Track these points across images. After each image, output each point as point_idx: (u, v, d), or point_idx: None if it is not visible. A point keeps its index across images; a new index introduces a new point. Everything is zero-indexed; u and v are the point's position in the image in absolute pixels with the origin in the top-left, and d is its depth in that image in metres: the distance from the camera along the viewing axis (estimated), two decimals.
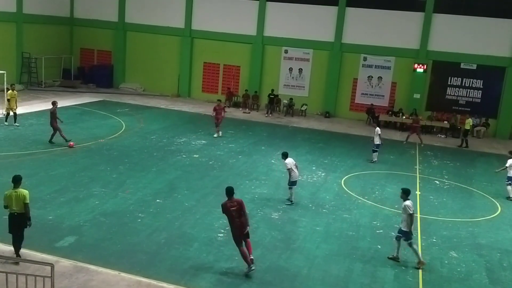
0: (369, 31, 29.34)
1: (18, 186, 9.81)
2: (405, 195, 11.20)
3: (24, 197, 9.70)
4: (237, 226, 10.00)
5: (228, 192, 10.26)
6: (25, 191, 9.77)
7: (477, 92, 28.60)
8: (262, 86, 31.58)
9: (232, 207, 10.03)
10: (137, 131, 22.14)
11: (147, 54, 33.79)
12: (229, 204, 10.09)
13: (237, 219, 9.99)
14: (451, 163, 21.23)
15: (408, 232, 11.02)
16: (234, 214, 9.99)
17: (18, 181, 9.87)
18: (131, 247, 10.87)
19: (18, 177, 9.92)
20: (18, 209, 9.71)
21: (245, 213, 10.14)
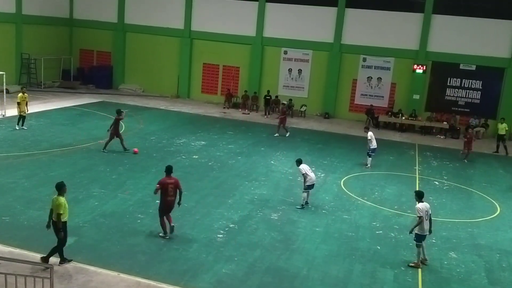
0: (368, 32, 29.36)
1: (58, 194, 9.85)
2: (418, 197, 11.24)
3: (58, 207, 9.70)
4: (168, 202, 11.30)
5: (168, 169, 11.56)
6: (60, 200, 9.71)
7: (476, 93, 28.62)
8: (262, 87, 31.58)
9: (170, 184, 11.22)
10: (137, 132, 22.14)
11: (147, 55, 33.79)
12: (167, 180, 11.32)
13: (169, 196, 11.25)
14: (450, 164, 21.24)
15: (419, 235, 10.96)
16: (169, 190, 11.20)
17: (59, 189, 9.91)
18: (131, 248, 10.86)
19: (57, 185, 9.99)
20: (54, 216, 9.79)
21: (180, 192, 11.43)
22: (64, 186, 9.94)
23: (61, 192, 9.84)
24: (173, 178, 11.43)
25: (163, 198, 11.29)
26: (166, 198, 11.28)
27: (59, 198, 9.76)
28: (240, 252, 11.07)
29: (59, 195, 9.80)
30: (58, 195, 9.81)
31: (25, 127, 20.60)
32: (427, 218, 10.99)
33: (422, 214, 10.89)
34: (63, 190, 9.88)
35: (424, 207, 11.02)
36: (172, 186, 11.26)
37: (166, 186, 11.22)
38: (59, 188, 9.88)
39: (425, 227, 10.96)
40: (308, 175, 14.27)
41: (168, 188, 11.22)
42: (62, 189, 9.88)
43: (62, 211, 9.66)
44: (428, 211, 11.06)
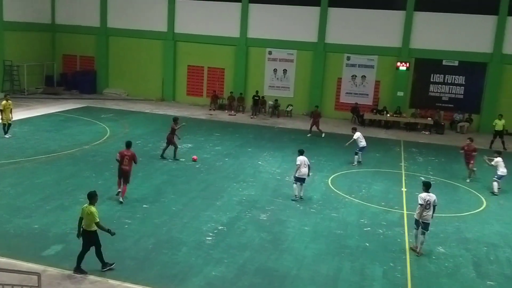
0: (351, 30, 29.55)
1: (90, 203, 9.81)
2: (424, 187, 11.91)
3: (92, 216, 9.66)
4: (122, 170, 13.85)
5: (127, 144, 14.12)
6: (92, 209, 9.72)
7: (459, 88, 28.95)
8: (247, 88, 31.60)
9: (126, 156, 13.80)
10: (122, 136, 21.96)
11: (130, 59, 33.60)
12: (125, 152, 13.88)
13: (124, 165, 13.77)
14: (435, 159, 21.44)
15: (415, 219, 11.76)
16: (124, 160, 13.76)
17: (90, 198, 9.88)
18: (119, 254, 10.78)
19: (89, 194, 9.94)
20: (85, 225, 9.79)
21: (135, 162, 14.04)
22: (96, 196, 9.94)
23: (92, 201, 9.83)
24: (130, 151, 13.94)
25: (119, 166, 13.89)
26: (121, 166, 13.85)
27: (90, 207, 9.75)
28: (230, 254, 11.05)
29: (90, 204, 9.78)
30: (90, 204, 9.79)
31: (7, 136, 20.26)
32: (428, 207, 11.55)
33: (421, 202, 11.55)
34: (94, 199, 9.88)
35: (425, 196, 11.64)
36: (128, 158, 13.81)
37: (122, 157, 13.82)
38: (91, 197, 9.87)
39: (423, 214, 11.54)
40: (300, 169, 14.77)
41: (124, 159, 13.78)
42: (94, 198, 9.88)
43: (97, 218, 9.68)
44: (429, 201, 11.59)
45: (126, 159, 13.75)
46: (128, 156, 13.79)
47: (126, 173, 13.81)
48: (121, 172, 13.85)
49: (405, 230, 13.10)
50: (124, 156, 13.77)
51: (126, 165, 13.77)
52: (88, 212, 9.69)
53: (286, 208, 14.25)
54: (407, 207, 14.89)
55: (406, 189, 16.80)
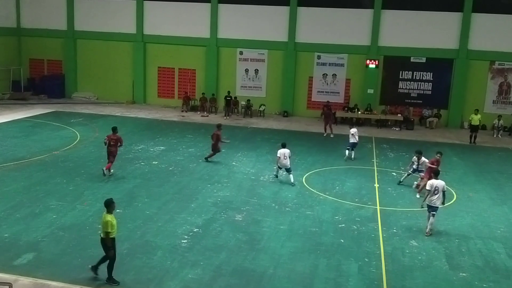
0: (321, 29, 29.79)
1: (107, 211, 9.61)
2: (434, 175, 13.25)
3: (104, 225, 9.49)
4: (109, 150, 16.37)
5: (113, 129, 16.59)
6: (106, 219, 9.51)
7: (427, 84, 29.53)
8: (219, 88, 31.51)
9: (113, 139, 16.34)
10: (93, 140, 21.63)
11: (99, 62, 33.08)
12: (112, 136, 16.37)
13: (111, 147, 16.34)
14: (406, 154, 21.78)
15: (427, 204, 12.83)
16: (111, 143, 16.32)
17: (106, 206, 9.69)
18: (93, 260, 10.56)
19: (105, 202, 9.77)
20: (102, 232, 9.63)
21: (121, 144, 16.74)
22: (113, 203, 9.73)
23: (109, 209, 9.61)
24: (116, 135, 16.42)
25: (107, 147, 16.43)
26: (108, 147, 16.40)
27: (106, 215, 9.54)
28: (206, 256, 10.99)
29: (108, 213, 9.57)
30: (107, 213, 9.58)
31: None
32: (436, 192, 12.68)
33: (428, 188, 12.78)
34: (111, 207, 9.67)
35: (433, 183, 12.77)
36: (114, 140, 16.35)
37: (110, 140, 16.34)
38: (108, 205, 9.66)
39: (432, 199, 12.68)
40: (280, 161, 16.51)
41: (110, 141, 16.34)
42: (111, 206, 9.67)
43: (109, 229, 9.44)
44: (437, 187, 12.69)
45: (112, 141, 16.30)
46: (114, 140, 16.31)
47: (112, 153, 16.41)
48: (108, 153, 16.46)
49: (378, 225, 13.27)
50: (111, 139, 16.29)
51: (113, 146, 16.29)
52: (104, 221, 9.51)
53: (262, 208, 14.27)
54: (380, 202, 15.12)
55: (379, 184, 17.04)
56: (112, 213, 9.65)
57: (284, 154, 16.45)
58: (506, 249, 12.09)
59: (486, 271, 10.99)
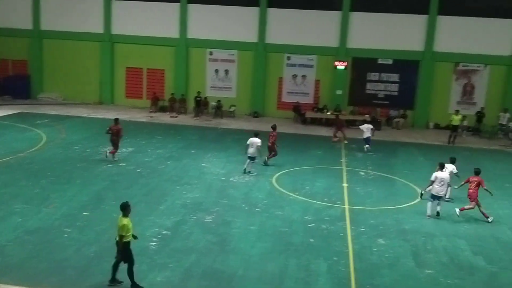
0: (291, 30, 29.99)
1: (123, 214, 9.41)
2: (439, 167, 14.61)
3: (120, 228, 9.28)
4: (111, 138, 18.26)
5: (115, 120, 18.62)
6: (122, 222, 9.30)
7: (394, 85, 30.10)
8: (189, 89, 31.33)
9: (114, 129, 18.22)
10: (59, 142, 21.18)
11: (66, 62, 32.41)
12: (113, 127, 18.28)
13: (113, 136, 18.21)
14: (374, 154, 22.17)
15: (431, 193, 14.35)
16: (113, 132, 18.18)
17: (122, 209, 9.47)
18: (59, 264, 10.38)
19: (121, 205, 9.55)
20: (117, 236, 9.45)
21: (121, 135, 18.45)
22: (128, 206, 9.47)
23: (125, 212, 9.36)
24: (117, 126, 18.34)
25: (111, 136, 18.27)
26: (112, 136, 18.23)
27: (122, 219, 9.30)
28: (175, 259, 10.90)
29: (124, 216, 9.32)
30: (123, 216, 9.32)
31: None
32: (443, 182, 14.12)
33: (432, 178, 14.19)
34: (127, 210, 9.41)
35: (438, 174, 14.22)
36: (115, 131, 18.20)
37: (111, 130, 18.25)
38: (124, 208, 9.41)
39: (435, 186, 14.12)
40: (248, 148, 17.55)
41: (112, 131, 18.23)
42: (127, 209, 9.41)
43: (124, 232, 9.21)
44: (443, 179, 14.12)
45: (114, 130, 18.16)
46: (115, 130, 18.18)
47: (113, 141, 18.26)
48: (112, 141, 18.31)
49: (347, 224, 13.45)
50: (113, 129, 18.17)
51: (113, 135, 18.15)
52: (120, 224, 9.28)
53: (232, 209, 14.25)
54: (349, 201, 15.32)
55: (347, 184, 17.27)
56: (128, 217, 9.44)
57: (252, 142, 17.51)
58: (470, 246, 12.43)
59: (451, 267, 11.27)
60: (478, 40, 28.53)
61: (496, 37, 28.50)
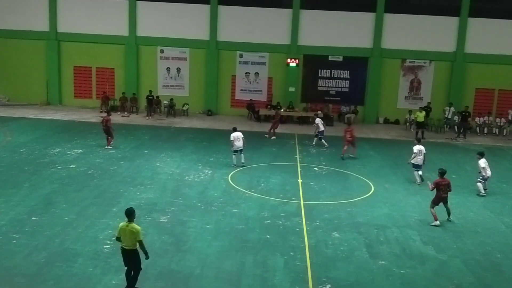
0: (242, 28, 30.00)
1: (131, 220, 9.03)
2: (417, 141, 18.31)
3: (136, 234, 8.91)
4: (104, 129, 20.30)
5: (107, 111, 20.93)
6: (137, 227, 9.04)
7: (345, 82, 30.73)
8: (140, 87, 30.77)
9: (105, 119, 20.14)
10: (4, 145, 20.27)
11: (10, 61, 31.11)
12: (105, 117, 20.17)
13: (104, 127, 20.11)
14: (327, 150, 22.53)
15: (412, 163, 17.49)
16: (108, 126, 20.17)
17: (130, 215, 8.96)
18: (7, 272, 9.93)
19: (129, 210, 9.17)
20: (127, 245, 9.10)
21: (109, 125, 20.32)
22: (134, 212, 9.15)
23: (131, 218, 9.01)
24: (108, 117, 20.41)
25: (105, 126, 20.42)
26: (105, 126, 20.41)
27: (133, 225, 8.97)
28: None
29: (130, 222, 8.96)
30: (129, 222, 8.95)
31: None
32: (420, 154, 17.28)
33: (415, 151, 17.28)
34: (133, 216, 9.08)
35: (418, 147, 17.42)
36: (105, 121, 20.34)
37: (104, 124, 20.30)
38: (130, 214, 9.02)
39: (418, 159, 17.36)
40: (234, 143, 18.35)
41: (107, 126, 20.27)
42: (133, 215, 9.07)
43: (142, 236, 9.09)
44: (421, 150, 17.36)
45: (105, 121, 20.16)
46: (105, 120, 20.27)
47: (107, 131, 20.28)
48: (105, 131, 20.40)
49: (302, 219, 13.59)
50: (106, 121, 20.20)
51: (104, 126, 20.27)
52: (131, 230, 8.94)
53: (187, 208, 14.10)
54: (304, 197, 15.49)
55: (302, 180, 17.46)
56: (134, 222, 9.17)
57: (237, 137, 18.41)
58: (420, 236, 12.85)
59: (403, 258, 11.60)
60: (423, 37, 29.56)
61: (441, 34, 29.63)
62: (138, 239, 9.06)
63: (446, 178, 13.85)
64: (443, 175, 13.87)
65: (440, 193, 13.64)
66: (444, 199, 13.78)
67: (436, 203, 13.69)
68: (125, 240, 9.10)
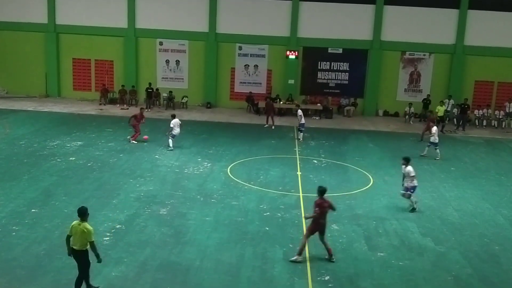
0: (242, 20, 29.87)
1: (84, 220, 8.75)
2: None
3: (88, 235, 8.61)
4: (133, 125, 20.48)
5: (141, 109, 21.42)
6: (89, 227, 8.69)
7: (344, 74, 30.66)
8: (139, 80, 30.70)
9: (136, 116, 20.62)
10: (3, 137, 20.27)
11: (8, 54, 30.97)
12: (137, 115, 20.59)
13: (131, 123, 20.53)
14: (326, 142, 22.55)
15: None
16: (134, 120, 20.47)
17: (83, 214, 8.79)
18: (7, 264, 9.98)
19: (82, 209, 8.85)
20: (75, 244, 8.75)
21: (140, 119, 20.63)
22: (87, 211, 8.87)
23: (84, 217, 8.77)
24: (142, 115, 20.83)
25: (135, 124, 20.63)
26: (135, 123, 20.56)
27: (86, 224, 8.70)
28: (130, 253, 10.72)
29: (83, 221, 8.73)
30: (82, 221, 8.72)
31: None
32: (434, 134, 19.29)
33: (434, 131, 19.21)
34: (86, 215, 8.82)
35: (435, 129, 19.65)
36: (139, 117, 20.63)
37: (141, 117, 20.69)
38: (83, 214, 8.78)
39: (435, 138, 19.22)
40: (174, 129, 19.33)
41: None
42: (86, 214, 8.81)
43: (93, 237, 8.72)
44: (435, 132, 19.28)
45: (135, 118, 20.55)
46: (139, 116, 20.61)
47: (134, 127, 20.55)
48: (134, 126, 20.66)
49: (301, 211, 13.63)
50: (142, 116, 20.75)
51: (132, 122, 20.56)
52: (82, 229, 8.65)
53: (186, 200, 14.13)
54: (303, 189, 15.52)
55: (301, 172, 17.48)
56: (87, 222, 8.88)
57: (177, 123, 19.71)
58: (419, 228, 12.90)
59: (402, 249, 11.66)
60: (423, 30, 29.46)
61: (440, 26, 29.52)
62: (89, 239, 8.70)
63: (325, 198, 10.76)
64: (323, 194, 10.75)
65: (318, 220, 10.63)
66: (322, 227, 10.66)
67: (312, 231, 10.66)
68: (75, 239, 8.74)
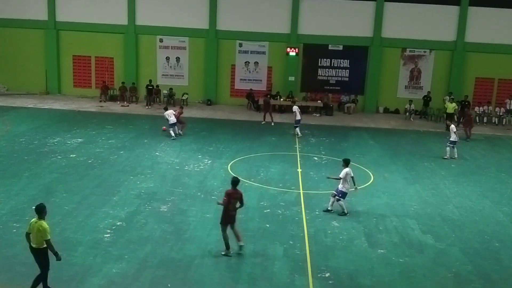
0: (242, 17, 29.82)
1: (41, 217, 8.63)
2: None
3: (43, 232, 8.48)
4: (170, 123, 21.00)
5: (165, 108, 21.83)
6: (44, 225, 8.54)
7: (345, 71, 30.62)
8: (140, 77, 30.67)
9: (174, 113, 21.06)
10: (3, 134, 20.27)
11: (9, 51, 30.96)
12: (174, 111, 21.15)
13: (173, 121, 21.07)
14: (326, 139, 22.55)
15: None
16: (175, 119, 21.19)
17: (40, 211, 8.66)
18: (8, 261, 10.00)
19: (39, 207, 8.72)
20: (33, 242, 8.66)
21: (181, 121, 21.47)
22: (45, 209, 8.73)
23: (41, 215, 8.66)
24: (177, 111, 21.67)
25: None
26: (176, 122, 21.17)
27: (41, 222, 8.57)
28: (130, 250, 10.73)
29: (40, 219, 8.62)
30: (39, 219, 8.62)
31: None
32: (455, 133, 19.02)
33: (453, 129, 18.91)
34: (44, 213, 8.70)
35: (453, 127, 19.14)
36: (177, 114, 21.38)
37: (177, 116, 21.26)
38: (40, 211, 8.67)
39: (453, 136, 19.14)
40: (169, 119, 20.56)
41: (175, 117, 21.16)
42: (43, 212, 8.69)
43: (49, 235, 8.58)
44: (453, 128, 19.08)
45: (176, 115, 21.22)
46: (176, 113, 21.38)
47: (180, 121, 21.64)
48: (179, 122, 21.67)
49: (302, 208, 13.64)
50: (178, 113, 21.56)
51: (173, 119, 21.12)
52: (38, 227, 8.53)
53: (187, 197, 14.14)
54: (303, 186, 15.53)
55: (301, 169, 17.48)
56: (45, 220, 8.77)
57: (170, 113, 20.86)
58: (419, 225, 12.91)
59: (402, 246, 11.67)
60: (424, 26, 29.40)
61: (441, 23, 29.47)
62: (45, 238, 8.55)
63: (238, 189, 10.75)
64: (236, 185, 10.73)
65: (228, 211, 10.58)
66: (232, 219, 10.70)
67: (226, 224, 10.66)
68: (32, 237, 8.67)
